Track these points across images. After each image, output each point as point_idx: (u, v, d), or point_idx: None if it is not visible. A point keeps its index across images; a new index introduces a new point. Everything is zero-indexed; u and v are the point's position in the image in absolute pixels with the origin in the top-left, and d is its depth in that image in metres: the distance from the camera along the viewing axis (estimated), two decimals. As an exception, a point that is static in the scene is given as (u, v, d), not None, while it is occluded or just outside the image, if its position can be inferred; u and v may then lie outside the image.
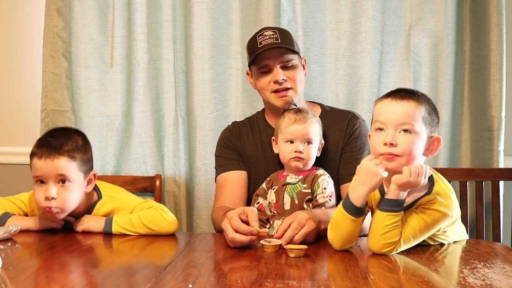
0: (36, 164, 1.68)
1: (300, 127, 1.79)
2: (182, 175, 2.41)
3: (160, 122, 2.43)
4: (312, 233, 1.57)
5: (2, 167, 2.63)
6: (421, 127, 1.43)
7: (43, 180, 1.69)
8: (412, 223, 1.45)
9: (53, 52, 2.38)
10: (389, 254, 1.43)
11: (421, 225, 1.45)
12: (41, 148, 1.70)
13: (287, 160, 1.80)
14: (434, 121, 1.47)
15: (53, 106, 2.39)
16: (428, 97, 1.51)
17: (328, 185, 1.78)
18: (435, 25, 2.30)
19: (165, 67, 2.41)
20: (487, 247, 1.57)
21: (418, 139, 1.42)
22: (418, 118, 1.42)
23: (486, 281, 1.20)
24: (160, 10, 2.40)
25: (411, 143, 1.41)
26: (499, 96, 2.26)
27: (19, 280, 1.22)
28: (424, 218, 1.45)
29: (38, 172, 1.69)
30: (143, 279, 1.24)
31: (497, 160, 2.26)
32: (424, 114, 1.44)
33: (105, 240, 1.68)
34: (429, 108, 1.46)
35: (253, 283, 1.18)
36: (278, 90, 1.89)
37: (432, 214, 1.45)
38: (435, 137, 1.47)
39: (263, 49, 1.87)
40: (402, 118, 1.42)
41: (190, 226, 2.41)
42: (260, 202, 1.84)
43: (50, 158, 1.68)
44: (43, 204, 1.69)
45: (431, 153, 1.48)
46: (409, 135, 1.42)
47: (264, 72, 1.90)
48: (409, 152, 1.41)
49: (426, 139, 1.45)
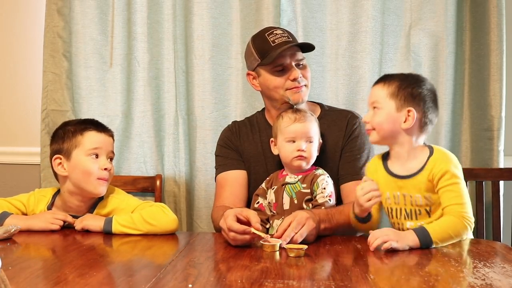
0: (93, 137, 1.80)
1: (301, 125, 1.80)
2: (182, 175, 2.41)
3: (160, 122, 2.43)
4: (312, 233, 1.57)
5: (2, 167, 2.63)
6: (387, 102, 1.62)
7: (98, 154, 1.79)
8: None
9: (54, 52, 2.38)
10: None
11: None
12: (94, 124, 1.83)
13: (290, 160, 1.79)
14: (405, 94, 1.60)
15: (54, 106, 2.39)
16: (411, 76, 1.68)
17: (328, 185, 1.78)
18: (435, 25, 2.30)
19: (165, 67, 2.41)
20: (487, 246, 1.57)
21: (383, 113, 1.62)
22: (383, 95, 1.63)
23: (486, 280, 1.20)
24: (160, 10, 2.40)
25: (377, 116, 1.64)
26: (499, 96, 2.26)
27: (19, 280, 1.22)
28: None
29: (96, 145, 1.79)
30: (143, 279, 1.24)
31: (497, 160, 2.26)
32: (391, 91, 1.62)
33: (105, 240, 1.68)
34: (401, 84, 1.62)
35: (253, 283, 1.18)
36: (295, 87, 1.88)
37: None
38: (407, 109, 1.60)
39: (285, 46, 1.83)
40: (372, 98, 1.66)
41: (190, 226, 2.41)
42: (260, 202, 1.84)
43: (105, 133, 1.83)
44: (98, 174, 1.78)
45: (407, 124, 1.60)
46: (377, 110, 1.64)
47: (279, 71, 1.88)
48: (376, 124, 1.64)
49: (396, 111, 1.60)
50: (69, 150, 1.79)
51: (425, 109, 1.61)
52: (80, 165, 1.78)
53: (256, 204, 1.84)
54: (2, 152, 2.64)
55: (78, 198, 1.82)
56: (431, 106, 1.63)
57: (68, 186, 1.81)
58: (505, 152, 2.29)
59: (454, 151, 2.33)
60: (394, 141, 1.64)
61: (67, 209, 1.83)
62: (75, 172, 1.79)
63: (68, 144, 1.79)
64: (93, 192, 1.80)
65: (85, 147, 1.78)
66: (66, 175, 1.80)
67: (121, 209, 1.82)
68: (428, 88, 1.64)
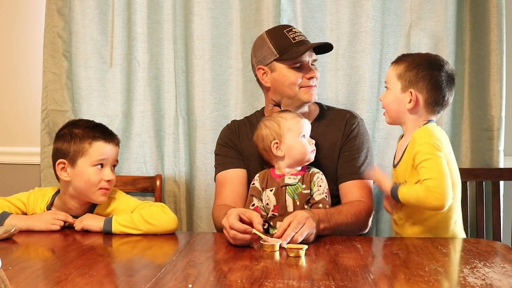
0: (101, 148, 1.78)
1: (307, 121, 1.86)
2: (182, 175, 2.41)
3: (160, 122, 2.43)
4: (312, 232, 1.57)
5: (2, 167, 2.63)
6: (395, 83, 1.67)
7: (104, 164, 1.78)
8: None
9: (54, 52, 2.38)
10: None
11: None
12: (102, 132, 1.81)
13: (308, 155, 1.81)
14: (410, 76, 1.64)
15: (54, 106, 2.39)
16: (425, 57, 1.69)
17: (323, 182, 1.79)
18: (435, 25, 2.29)
19: (165, 67, 2.41)
20: (487, 246, 1.57)
21: (390, 93, 1.69)
22: (393, 76, 1.68)
23: (486, 280, 1.20)
24: (160, 10, 2.39)
25: (385, 97, 1.72)
26: (499, 96, 2.25)
27: (19, 280, 1.22)
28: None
29: (103, 156, 1.78)
30: (143, 279, 1.24)
31: (497, 160, 2.26)
32: (399, 72, 1.66)
33: (105, 240, 1.68)
34: (409, 65, 1.65)
35: (253, 283, 1.18)
36: (309, 85, 1.90)
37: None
38: (410, 90, 1.64)
39: (310, 44, 1.90)
40: (386, 78, 1.73)
41: (190, 226, 2.41)
42: (255, 204, 1.83)
43: (113, 142, 1.82)
44: (101, 185, 1.77)
45: (412, 105, 1.64)
46: (387, 90, 1.71)
47: (296, 68, 1.89)
48: (385, 105, 1.72)
49: (401, 92, 1.66)
50: (75, 157, 1.77)
51: (430, 91, 1.63)
52: (84, 174, 1.77)
53: (251, 206, 1.83)
54: (2, 152, 2.64)
55: (78, 201, 1.82)
56: (438, 88, 1.63)
57: (69, 190, 1.81)
58: (505, 152, 2.29)
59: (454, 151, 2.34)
60: (402, 121, 1.71)
61: (67, 210, 1.83)
62: (78, 180, 1.78)
63: (74, 150, 1.77)
64: (94, 201, 1.81)
65: (91, 157, 1.77)
66: (68, 180, 1.79)
67: (121, 209, 1.81)
68: (438, 69, 1.64)
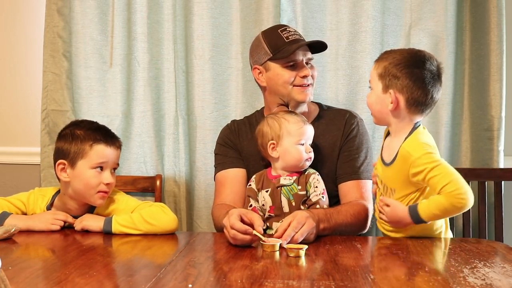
0: (101, 151, 1.77)
1: (310, 128, 1.83)
2: (182, 175, 2.41)
3: (160, 122, 2.43)
4: (312, 232, 1.57)
5: (2, 167, 2.63)
6: (377, 83, 1.62)
7: (104, 167, 1.77)
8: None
9: (54, 52, 2.38)
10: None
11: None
12: (104, 135, 1.79)
13: (301, 162, 1.78)
14: (390, 75, 1.59)
15: (54, 106, 2.39)
16: (406, 55, 1.61)
17: (319, 182, 1.79)
18: (435, 25, 2.29)
19: (165, 67, 2.41)
20: (487, 246, 1.57)
21: (373, 93, 1.65)
22: (374, 76, 1.63)
23: (486, 280, 1.20)
24: (160, 10, 2.39)
25: (369, 97, 1.68)
26: (499, 96, 2.25)
27: (19, 280, 1.22)
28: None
29: (103, 159, 1.77)
30: (143, 279, 1.24)
31: (497, 160, 2.26)
32: (380, 71, 1.61)
33: (105, 240, 1.68)
34: (389, 65, 1.59)
35: (253, 283, 1.18)
36: (302, 84, 1.89)
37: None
38: (389, 91, 1.59)
39: (302, 42, 1.89)
40: (370, 77, 1.67)
41: (190, 226, 2.41)
42: (253, 205, 1.83)
43: (114, 145, 1.80)
44: (100, 188, 1.76)
45: (393, 107, 1.59)
46: (371, 90, 1.66)
47: (290, 66, 1.89)
48: (369, 105, 1.68)
49: (382, 93, 1.61)
50: (75, 159, 1.77)
51: (412, 90, 1.56)
52: (83, 176, 1.76)
53: (249, 207, 1.82)
54: (2, 152, 2.64)
55: (77, 202, 1.82)
56: (420, 86, 1.56)
57: (68, 190, 1.81)
58: (505, 152, 2.29)
59: (454, 151, 2.35)
60: (387, 122, 1.66)
61: (66, 210, 1.83)
62: (77, 182, 1.78)
63: (75, 150, 1.77)
64: (92, 203, 1.81)
65: (91, 160, 1.76)
66: (67, 181, 1.79)
67: (121, 209, 1.81)
68: (418, 67, 1.57)
